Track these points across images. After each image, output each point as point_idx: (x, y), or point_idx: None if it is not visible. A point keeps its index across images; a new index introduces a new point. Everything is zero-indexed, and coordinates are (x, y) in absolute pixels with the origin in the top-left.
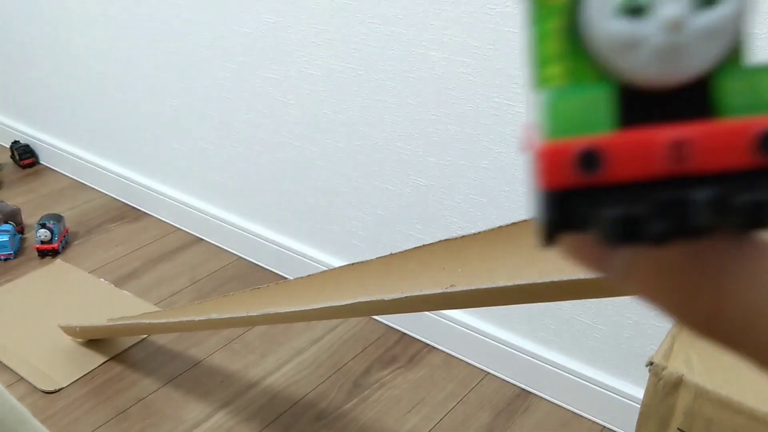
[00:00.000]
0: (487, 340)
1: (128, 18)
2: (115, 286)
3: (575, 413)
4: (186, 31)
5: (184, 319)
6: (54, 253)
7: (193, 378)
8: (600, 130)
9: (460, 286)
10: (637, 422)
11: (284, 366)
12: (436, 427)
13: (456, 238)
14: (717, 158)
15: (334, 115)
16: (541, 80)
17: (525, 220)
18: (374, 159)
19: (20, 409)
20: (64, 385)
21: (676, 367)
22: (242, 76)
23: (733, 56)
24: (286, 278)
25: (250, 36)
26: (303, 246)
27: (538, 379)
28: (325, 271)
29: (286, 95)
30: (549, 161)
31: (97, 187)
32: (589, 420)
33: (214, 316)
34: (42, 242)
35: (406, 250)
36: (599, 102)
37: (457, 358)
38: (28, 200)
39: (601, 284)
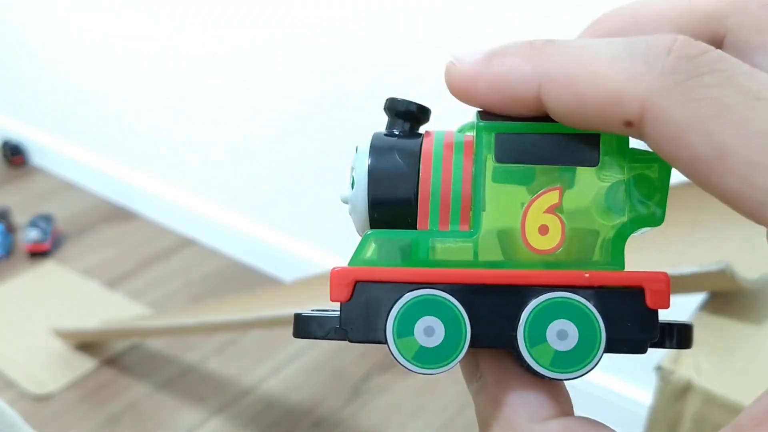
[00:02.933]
0: None
1: (122, 15)
2: (107, 287)
3: None
4: (179, 27)
5: (178, 322)
6: (45, 254)
7: (188, 383)
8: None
9: None
10: (645, 428)
11: (281, 371)
12: None
13: None
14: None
15: (333, 112)
16: None
17: None
18: None
19: (10, 413)
20: (56, 390)
21: (684, 372)
22: (238, 73)
23: None
24: (283, 280)
25: (245, 31)
26: (301, 247)
27: None
28: (323, 273)
29: (284, 92)
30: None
31: (88, 187)
32: None
33: (209, 319)
34: (33, 243)
35: None
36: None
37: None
38: (19, 200)
39: None
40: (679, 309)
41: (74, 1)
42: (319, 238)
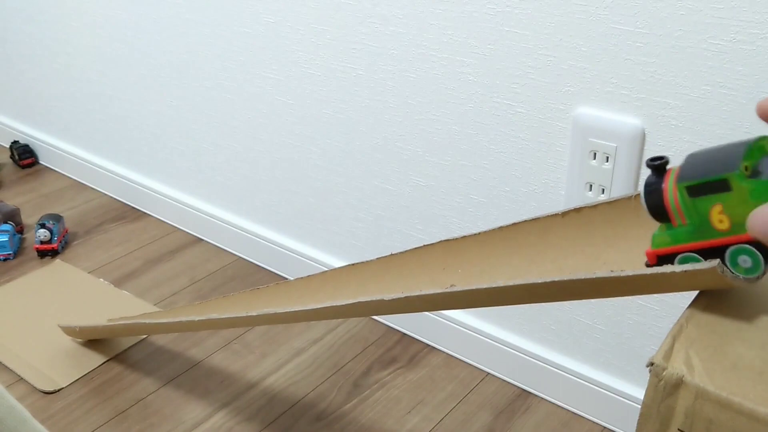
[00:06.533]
0: (488, 340)
1: (128, 17)
2: (115, 286)
3: (575, 414)
4: (185, 31)
5: (184, 319)
6: (53, 253)
7: (193, 378)
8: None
9: (461, 286)
10: (638, 423)
11: (284, 366)
12: (437, 427)
13: (456, 238)
14: None
15: (334, 114)
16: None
17: (525, 221)
18: (374, 159)
19: (20, 409)
20: (64, 386)
21: (676, 367)
22: (242, 75)
23: None
24: (285, 278)
25: (249, 35)
26: (303, 246)
27: (539, 379)
28: (324, 272)
29: (286, 95)
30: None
31: (96, 187)
32: (590, 420)
33: (214, 316)
34: (41, 242)
35: (406, 250)
36: None
37: (457, 358)
38: (28, 200)
39: (602, 284)
40: (672, 307)
41: (83, 8)
42: (320, 238)
